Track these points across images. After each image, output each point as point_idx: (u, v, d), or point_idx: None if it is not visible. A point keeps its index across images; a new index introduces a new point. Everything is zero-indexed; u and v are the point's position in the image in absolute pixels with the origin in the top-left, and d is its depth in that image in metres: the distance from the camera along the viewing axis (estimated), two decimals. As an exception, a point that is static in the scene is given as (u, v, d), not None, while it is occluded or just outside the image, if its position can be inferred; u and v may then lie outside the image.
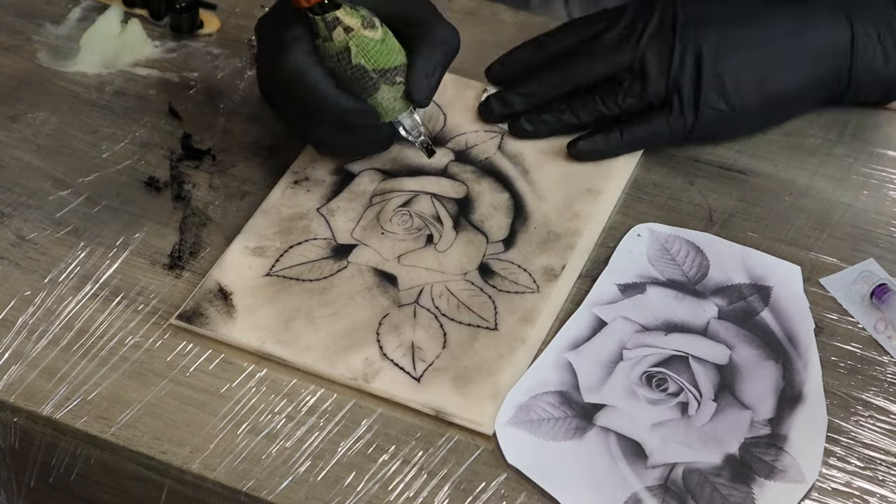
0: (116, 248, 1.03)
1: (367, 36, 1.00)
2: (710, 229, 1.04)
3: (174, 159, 1.09)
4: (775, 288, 1.00)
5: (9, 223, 1.04)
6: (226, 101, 1.14)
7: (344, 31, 0.99)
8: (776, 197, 1.06)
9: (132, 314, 0.99)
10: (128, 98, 1.14)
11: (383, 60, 1.00)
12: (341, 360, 0.95)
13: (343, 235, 1.03)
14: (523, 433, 0.92)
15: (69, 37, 1.19)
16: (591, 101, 1.07)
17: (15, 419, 0.94)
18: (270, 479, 0.90)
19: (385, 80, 1.01)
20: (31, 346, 0.97)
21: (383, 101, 1.02)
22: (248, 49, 1.18)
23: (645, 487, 0.89)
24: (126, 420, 0.93)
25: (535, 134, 1.08)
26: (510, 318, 0.97)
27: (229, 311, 0.98)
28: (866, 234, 1.04)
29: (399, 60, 1.01)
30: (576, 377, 0.95)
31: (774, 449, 0.91)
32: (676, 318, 0.98)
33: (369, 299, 0.99)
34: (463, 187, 1.06)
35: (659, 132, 1.07)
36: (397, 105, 1.02)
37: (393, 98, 1.02)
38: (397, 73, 1.01)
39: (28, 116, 1.12)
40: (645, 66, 1.06)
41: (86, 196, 1.06)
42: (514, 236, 1.03)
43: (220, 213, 1.05)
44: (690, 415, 0.93)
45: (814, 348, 0.96)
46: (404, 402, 0.93)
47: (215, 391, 0.94)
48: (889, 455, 0.91)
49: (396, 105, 1.02)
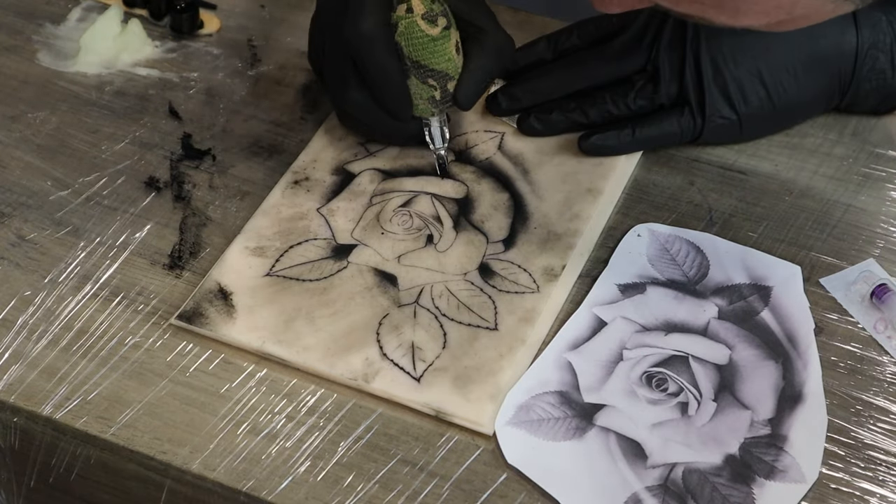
0: (116, 248, 1.03)
1: (420, 26, 0.99)
2: (710, 229, 1.04)
3: (174, 159, 1.09)
4: (775, 288, 1.00)
5: (9, 223, 1.04)
6: (226, 101, 1.14)
7: (405, 9, 0.99)
8: (776, 197, 1.06)
9: (132, 314, 0.99)
10: (128, 98, 1.14)
11: (423, 56, 1.00)
12: (341, 360, 0.95)
13: (343, 235, 1.03)
14: (523, 433, 0.92)
15: (69, 37, 1.19)
16: (601, 100, 1.07)
17: (15, 419, 0.94)
18: (270, 479, 0.90)
19: (417, 73, 1.01)
20: (31, 346, 0.97)
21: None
22: (248, 49, 1.18)
23: (645, 487, 0.89)
24: (126, 420, 0.93)
25: (544, 132, 1.09)
26: (510, 318, 0.97)
27: (229, 311, 0.98)
28: (866, 234, 1.04)
29: (442, 67, 1.01)
30: (576, 377, 0.95)
31: (774, 449, 0.91)
32: (676, 318, 0.98)
33: (369, 299, 0.99)
34: (463, 187, 1.06)
35: (669, 133, 1.07)
36: (421, 104, 1.02)
37: (419, 96, 1.02)
38: (433, 76, 1.01)
39: (28, 116, 1.12)
40: (658, 70, 1.06)
41: (86, 196, 1.06)
42: (514, 236, 1.03)
43: (220, 213, 1.05)
44: (690, 415, 0.93)
45: (814, 348, 0.96)
46: (404, 402, 0.93)
47: (215, 391, 0.94)
48: (889, 455, 0.91)
49: (420, 104, 1.02)
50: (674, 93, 1.06)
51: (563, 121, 1.08)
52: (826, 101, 1.09)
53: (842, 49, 1.06)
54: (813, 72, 1.06)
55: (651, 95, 1.07)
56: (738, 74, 1.05)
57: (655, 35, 1.07)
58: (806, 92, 1.07)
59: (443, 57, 1.01)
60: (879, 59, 1.06)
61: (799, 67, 1.06)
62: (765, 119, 1.07)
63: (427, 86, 1.01)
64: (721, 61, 1.05)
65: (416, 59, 1.00)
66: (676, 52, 1.06)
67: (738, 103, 1.06)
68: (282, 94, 1.14)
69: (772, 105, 1.06)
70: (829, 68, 1.06)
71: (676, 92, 1.06)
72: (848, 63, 1.06)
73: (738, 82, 1.05)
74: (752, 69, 1.05)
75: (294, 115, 1.13)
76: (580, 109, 1.08)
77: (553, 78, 1.09)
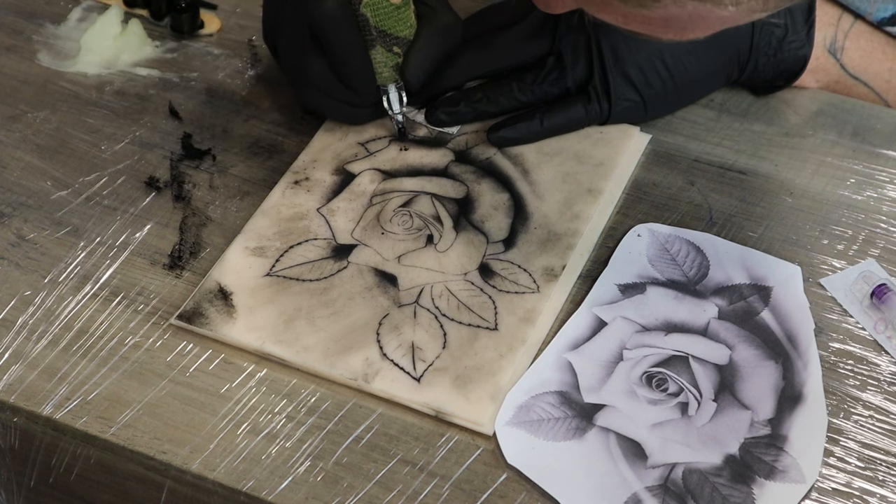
0: (116, 248, 1.03)
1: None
2: (710, 229, 1.04)
3: (174, 159, 1.09)
4: (775, 288, 1.00)
5: (9, 223, 1.04)
6: (226, 101, 1.14)
7: None
8: (776, 197, 1.06)
9: (132, 314, 0.99)
10: (128, 98, 1.14)
11: (388, 24, 1.02)
12: (341, 361, 0.95)
13: (343, 235, 1.03)
14: (523, 433, 0.92)
15: (69, 37, 1.19)
16: (507, 88, 1.08)
17: (15, 419, 0.94)
18: (270, 479, 0.90)
19: (383, 42, 1.03)
20: (31, 346, 0.97)
21: (374, 61, 1.04)
22: (248, 49, 1.18)
23: (645, 487, 0.89)
24: (126, 420, 0.93)
25: (451, 123, 1.09)
26: (510, 319, 0.97)
27: (229, 311, 0.98)
28: (866, 234, 1.04)
29: (405, 34, 1.03)
30: (576, 377, 0.95)
31: (774, 449, 0.91)
32: (676, 318, 0.98)
33: (369, 299, 0.99)
34: (463, 187, 1.06)
35: (577, 120, 1.08)
36: (385, 72, 1.04)
37: (384, 64, 1.04)
38: (397, 43, 1.03)
39: (28, 116, 1.12)
40: (562, 55, 1.07)
41: (86, 196, 1.06)
42: (514, 236, 1.03)
43: (220, 213, 1.05)
44: (690, 415, 0.93)
45: (814, 348, 0.96)
46: (404, 402, 0.93)
47: (215, 391, 0.94)
48: (889, 455, 0.91)
49: (384, 72, 1.04)
50: (580, 77, 1.07)
51: (470, 112, 1.09)
52: (726, 76, 1.10)
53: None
54: (712, 48, 1.07)
55: (557, 81, 1.07)
56: (639, 58, 1.06)
57: (556, 20, 1.07)
58: (706, 68, 1.08)
59: (406, 24, 1.03)
60: (775, 33, 1.08)
61: (699, 45, 1.06)
62: (668, 98, 1.09)
63: (392, 53, 1.03)
64: (621, 46, 1.06)
65: (383, 27, 1.02)
66: (579, 37, 1.07)
67: (640, 86, 1.07)
68: (282, 94, 1.14)
69: (674, 84, 1.08)
70: (727, 43, 1.08)
71: (582, 76, 1.07)
72: (745, 36, 1.08)
73: (639, 66, 1.06)
74: (654, 51, 1.06)
75: (294, 115, 1.13)
76: (487, 98, 1.08)
77: (458, 62, 1.09)
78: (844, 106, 1.13)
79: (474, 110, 1.09)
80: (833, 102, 1.13)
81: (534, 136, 1.08)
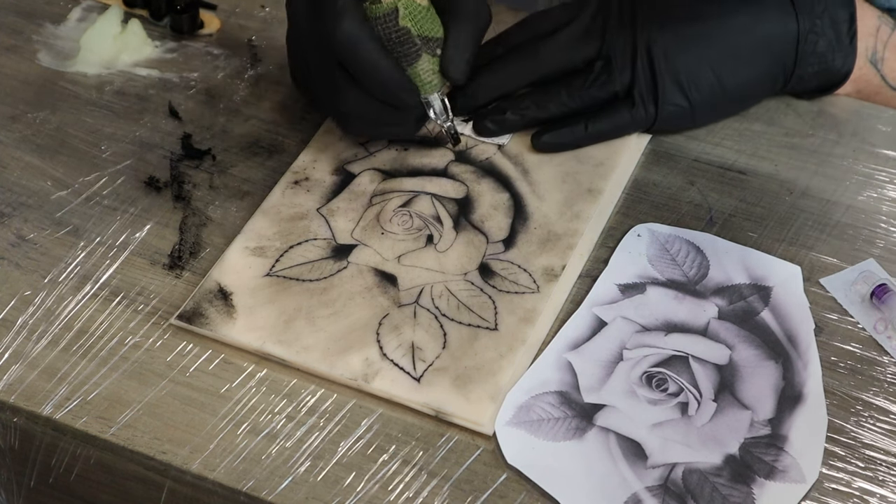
0: (116, 248, 1.03)
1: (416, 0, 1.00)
2: (710, 229, 1.04)
3: (174, 159, 1.09)
4: (775, 288, 1.00)
5: (9, 223, 1.04)
6: (226, 101, 1.14)
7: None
8: (776, 197, 1.06)
9: (132, 314, 0.99)
10: (128, 98, 1.14)
11: (427, 28, 1.00)
12: (341, 361, 0.95)
13: (343, 235, 1.03)
14: (523, 433, 0.92)
15: (69, 37, 1.19)
16: (556, 94, 1.07)
17: (15, 419, 0.94)
18: (270, 479, 0.90)
19: (427, 48, 1.00)
20: (31, 346, 0.97)
21: (422, 73, 1.01)
22: (248, 49, 1.18)
23: (645, 487, 0.89)
24: (126, 420, 0.93)
25: (499, 132, 1.08)
26: (510, 319, 0.97)
27: (229, 311, 0.98)
28: (866, 234, 1.04)
29: (440, 32, 1.01)
30: (576, 377, 0.95)
31: (774, 449, 0.91)
32: (676, 318, 0.98)
33: (369, 299, 0.99)
34: (463, 187, 1.06)
35: (622, 125, 1.07)
36: (435, 79, 1.02)
37: (432, 71, 1.02)
38: (438, 44, 1.01)
39: (28, 116, 1.12)
40: (610, 58, 1.06)
41: (86, 196, 1.06)
42: (514, 236, 1.03)
43: (220, 213, 1.05)
44: (690, 415, 0.93)
45: (814, 348, 0.96)
46: (404, 402, 0.93)
47: (215, 391, 0.94)
48: (889, 455, 0.91)
49: (434, 79, 1.02)
50: (627, 81, 1.06)
51: (518, 120, 1.08)
52: (771, 85, 1.09)
53: (784, 32, 1.07)
54: (758, 55, 1.07)
55: (605, 85, 1.07)
56: (689, 61, 1.06)
57: (604, 23, 1.07)
58: (753, 76, 1.08)
59: (437, 23, 1.01)
60: (819, 44, 1.07)
61: (745, 52, 1.06)
62: (715, 105, 1.08)
63: (436, 57, 1.02)
64: (671, 49, 1.05)
65: (424, 33, 1.00)
66: (627, 40, 1.06)
67: (690, 91, 1.06)
68: (282, 94, 1.14)
69: (722, 90, 1.07)
70: (773, 52, 1.07)
71: (630, 80, 1.06)
72: (790, 46, 1.07)
73: (689, 70, 1.06)
74: (702, 56, 1.06)
75: (294, 115, 1.13)
76: (535, 105, 1.07)
77: (505, 71, 1.08)
78: (844, 106, 1.13)
79: (523, 118, 1.08)
80: (833, 102, 1.13)
81: (578, 142, 1.07)
